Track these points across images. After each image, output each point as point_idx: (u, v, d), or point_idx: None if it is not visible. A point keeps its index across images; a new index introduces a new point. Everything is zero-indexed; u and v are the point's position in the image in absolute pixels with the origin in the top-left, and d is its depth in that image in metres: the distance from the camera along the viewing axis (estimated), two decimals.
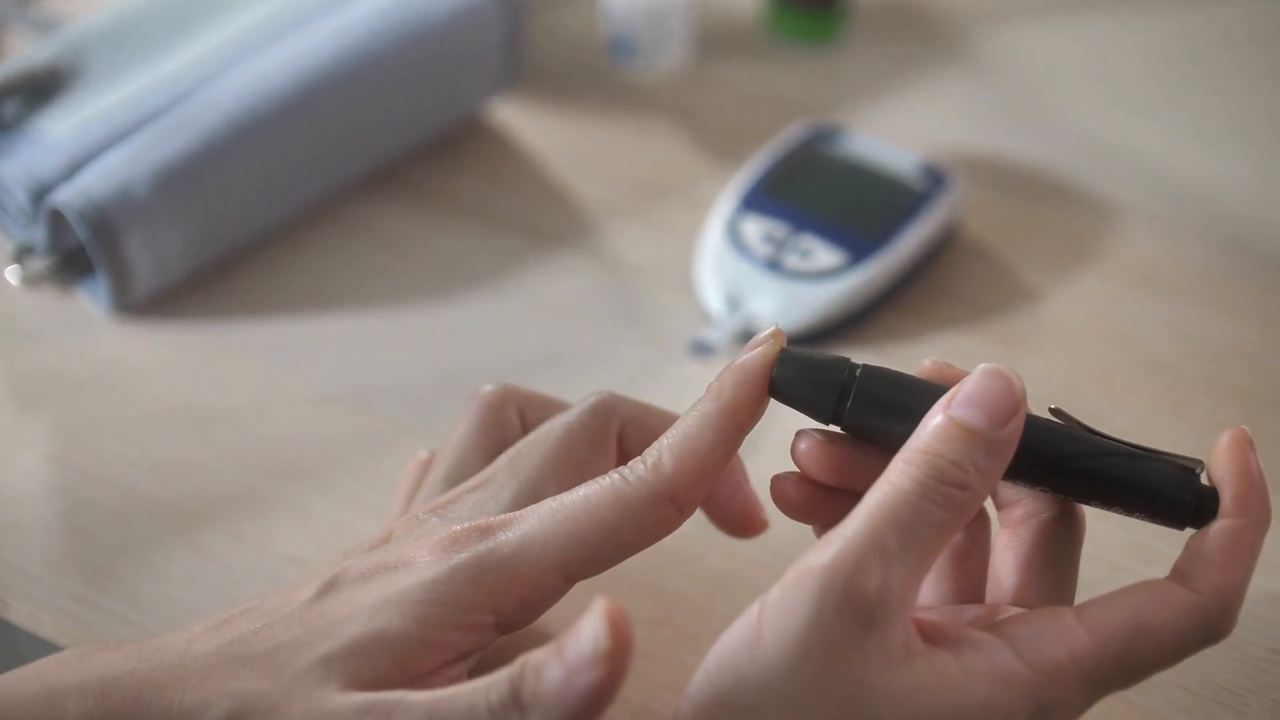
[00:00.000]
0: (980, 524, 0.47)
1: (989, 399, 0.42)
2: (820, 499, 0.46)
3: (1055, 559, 0.45)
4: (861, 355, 0.64)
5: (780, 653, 0.40)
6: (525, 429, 0.52)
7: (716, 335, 0.63)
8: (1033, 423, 0.44)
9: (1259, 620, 0.54)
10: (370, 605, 0.45)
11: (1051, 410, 0.45)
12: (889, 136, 0.73)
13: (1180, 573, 0.43)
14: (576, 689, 0.41)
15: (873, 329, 0.65)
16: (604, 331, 0.66)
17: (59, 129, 0.67)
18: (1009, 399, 0.42)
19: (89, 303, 0.67)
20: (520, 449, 0.49)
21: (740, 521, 0.52)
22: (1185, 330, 0.66)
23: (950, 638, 0.42)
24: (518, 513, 0.46)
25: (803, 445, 0.46)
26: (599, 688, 0.41)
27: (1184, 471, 0.44)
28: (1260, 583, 0.55)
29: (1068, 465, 0.44)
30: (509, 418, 0.52)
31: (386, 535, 0.48)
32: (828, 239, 0.65)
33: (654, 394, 0.62)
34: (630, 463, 0.45)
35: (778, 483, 0.46)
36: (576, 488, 0.46)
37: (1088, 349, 0.65)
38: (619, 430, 0.50)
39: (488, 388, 0.53)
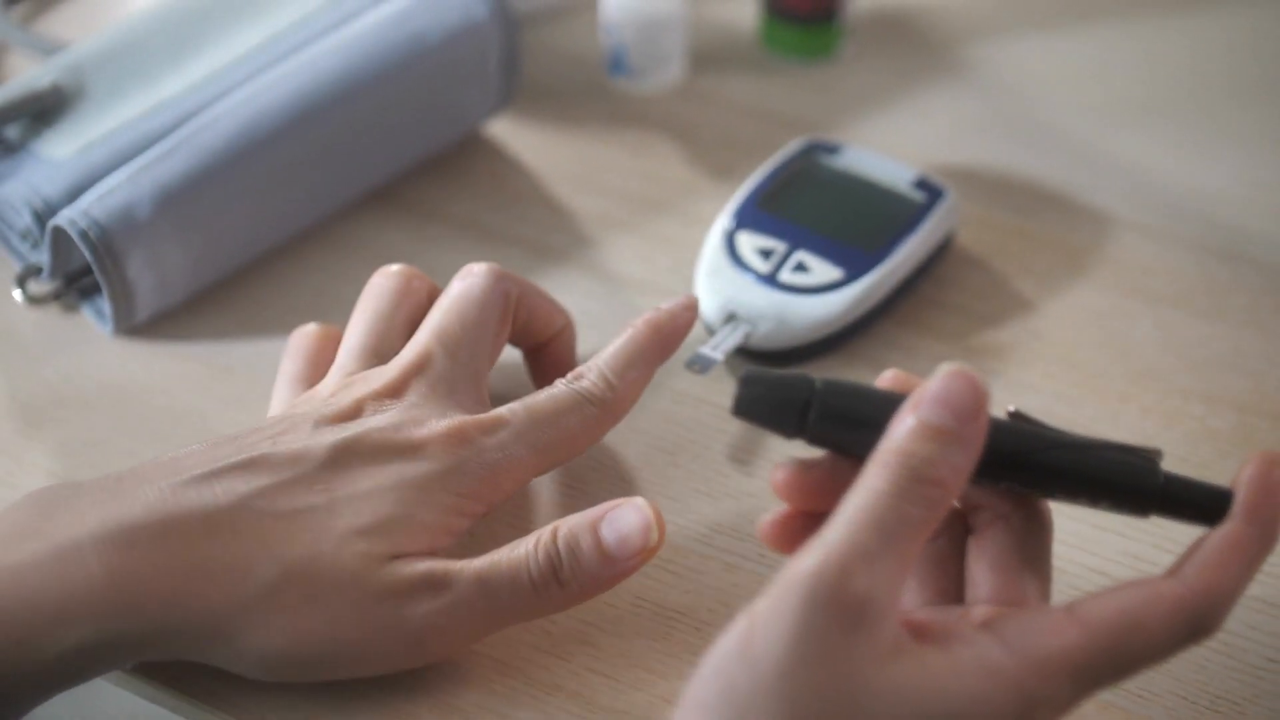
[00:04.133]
0: (958, 529, 0.48)
1: (954, 398, 0.44)
2: (809, 528, 0.47)
3: (1027, 556, 0.46)
4: (858, 369, 0.65)
5: (772, 659, 0.41)
6: (430, 298, 0.60)
7: (715, 350, 0.63)
8: (995, 423, 0.45)
9: (1256, 629, 0.55)
10: (393, 486, 0.51)
11: (1010, 412, 0.47)
12: (885, 150, 0.74)
13: (1174, 569, 0.45)
14: (616, 572, 0.51)
15: (869, 343, 0.66)
16: (602, 346, 0.66)
17: (63, 151, 0.68)
18: (973, 396, 0.44)
19: (93, 322, 0.68)
20: (445, 327, 0.57)
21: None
22: (1179, 340, 0.66)
23: (939, 634, 0.43)
24: (503, 415, 0.54)
25: (780, 475, 0.47)
26: (633, 571, 0.52)
27: (1144, 459, 0.46)
28: (1257, 591, 0.56)
29: (1032, 460, 0.46)
30: (419, 291, 0.60)
31: (335, 389, 0.55)
32: (824, 254, 0.65)
33: (654, 409, 0.63)
34: (585, 381, 0.56)
35: (765, 528, 0.48)
36: (548, 399, 0.55)
37: (1082, 359, 0.65)
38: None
39: (394, 266, 0.60)
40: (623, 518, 0.51)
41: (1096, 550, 0.57)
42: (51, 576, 0.47)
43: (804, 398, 0.46)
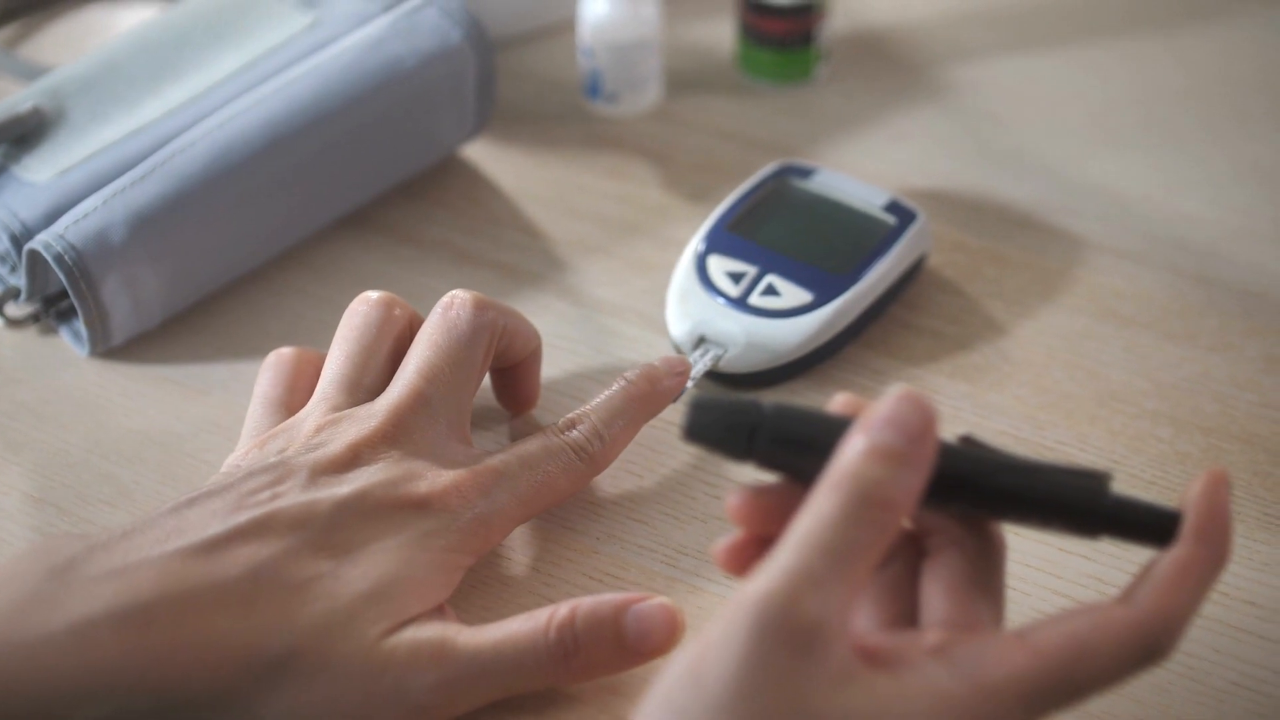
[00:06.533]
0: (912, 553, 0.48)
1: (903, 419, 0.44)
2: (763, 552, 0.47)
3: (981, 580, 0.46)
4: (828, 392, 0.65)
5: (720, 684, 0.41)
6: (411, 326, 0.60)
7: None
8: (946, 448, 0.46)
9: (1218, 652, 0.55)
10: (396, 546, 0.52)
11: (961, 437, 0.47)
12: (861, 173, 0.74)
13: (1126, 593, 0.45)
14: (627, 664, 0.52)
15: (840, 366, 0.66)
16: (575, 369, 0.67)
17: (42, 174, 0.68)
18: (921, 418, 0.44)
19: (71, 344, 0.68)
20: (433, 365, 0.57)
21: (522, 404, 0.63)
22: (1149, 363, 0.67)
23: (889, 660, 0.43)
24: (498, 468, 0.55)
25: (734, 500, 0.48)
26: (640, 665, 0.52)
27: (1093, 481, 0.46)
28: (1219, 614, 0.56)
29: (981, 483, 0.46)
30: (401, 320, 0.60)
31: (321, 424, 0.55)
32: (795, 277, 0.66)
33: None
34: (577, 434, 0.57)
35: (720, 553, 0.48)
36: (541, 452, 0.56)
37: (1052, 382, 0.66)
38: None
39: (375, 294, 0.60)
40: (651, 616, 0.52)
41: (1060, 573, 0.58)
42: (68, 655, 0.47)
43: (751, 422, 0.46)
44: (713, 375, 0.65)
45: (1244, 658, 0.55)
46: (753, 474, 0.53)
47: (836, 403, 0.48)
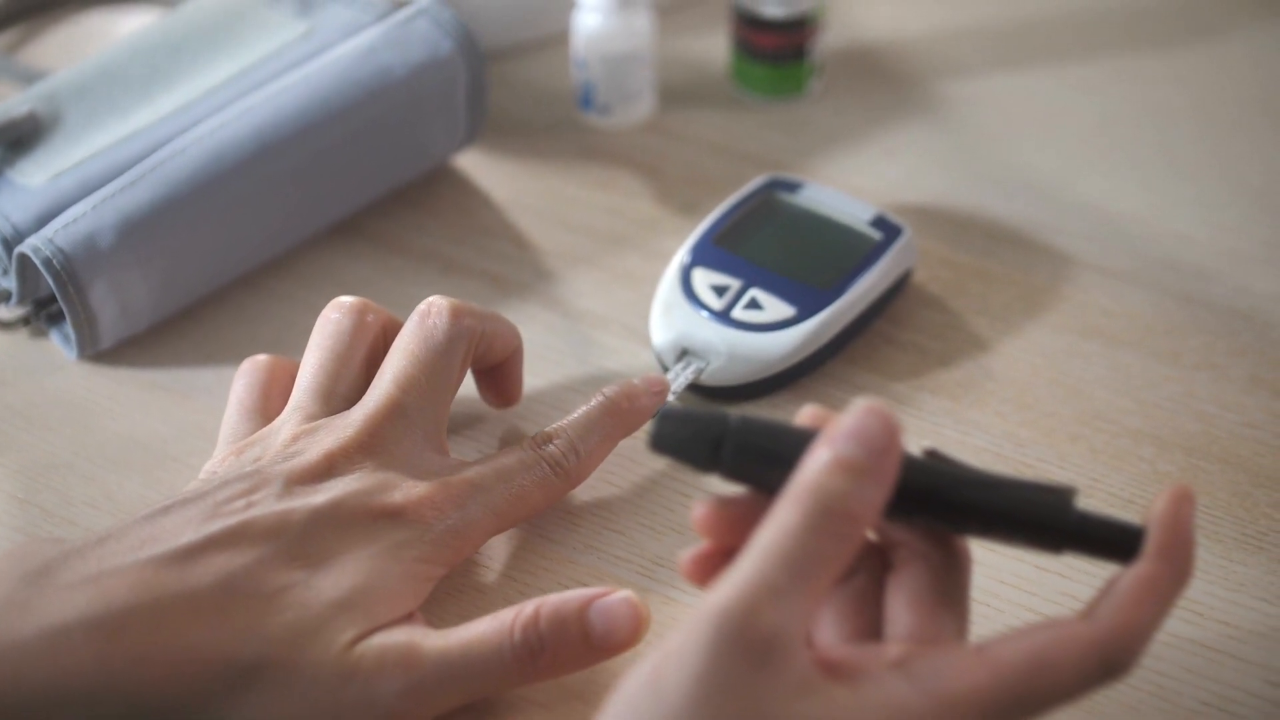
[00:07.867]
0: (878, 566, 0.48)
1: (867, 432, 0.44)
2: (728, 564, 0.47)
3: (945, 594, 0.46)
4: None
5: (679, 693, 0.41)
6: (385, 332, 0.60)
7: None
8: (911, 461, 0.46)
9: (1189, 671, 0.55)
10: (368, 556, 0.52)
11: (926, 450, 0.47)
12: (851, 188, 0.74)
13: (1088, 608, 0.45)
14: (594, 659, 0.52)
15: (822, 381, 0.66)
16: (558, 380, 0.67)
17: (36, 178, 0.69)
18: (886, 431, 0.44)
19: (59, 346, 0.69)
20: (410, 376, 0.57)
21: (505, 400, 0.64)
22: (1132, 381, 0.67)
23: (850, 672, 0.43)
24: (473, 480, 0.55)
25: (699, 511, 0.48)
26: (607, 660, 0.52)
27: (1057, 497, 0.46)
28: (1189, 632, 0.56)
29: (946, 497, 0.46)
30: (374, 326, 0.60)
31: (296, 433, 0.55)
32: (778, 291, 0.66)
33: None
34: (553, 448, 0.58)
35: (685, 564, 0.49)
36: (518, 466, 0.56)
37: (1034, 399, 0.66)
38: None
39: (347, 300, 0.60)
40: (616, 611, 0.52)
41: (1035, 589, 0.58)
42: (41, 661, 0.48)
43: (717, 433, 0.46)
44: (695, 388, 0.65)
45: (1216, 678, 0.55)
46: (728, 486, 0.53)
47: (804, 415, 0.48)
